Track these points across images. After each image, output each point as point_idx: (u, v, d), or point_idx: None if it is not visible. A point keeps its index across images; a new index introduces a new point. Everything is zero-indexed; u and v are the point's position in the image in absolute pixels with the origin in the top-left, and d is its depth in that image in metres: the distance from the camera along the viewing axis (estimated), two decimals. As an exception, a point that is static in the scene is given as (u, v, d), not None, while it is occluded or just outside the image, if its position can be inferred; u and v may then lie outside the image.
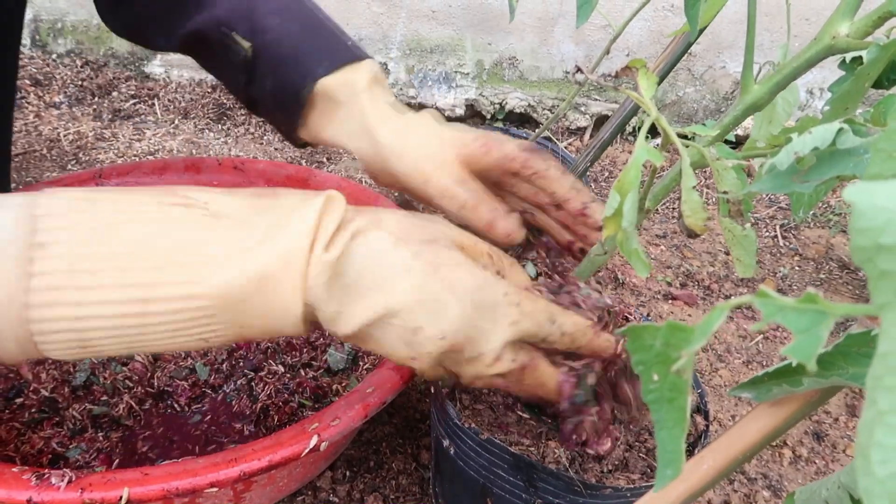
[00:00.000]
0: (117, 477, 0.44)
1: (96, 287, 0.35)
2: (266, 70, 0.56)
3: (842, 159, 0.25)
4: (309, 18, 0.58)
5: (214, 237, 0.37)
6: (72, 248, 0.35)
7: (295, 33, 0.56)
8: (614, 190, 0.30)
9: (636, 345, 0.24)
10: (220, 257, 0.37)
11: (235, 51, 0.56)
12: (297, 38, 0.56)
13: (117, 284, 0.36)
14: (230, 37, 0.56)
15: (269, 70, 0.56)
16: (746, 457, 0.35)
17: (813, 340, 0.21)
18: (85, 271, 0.35)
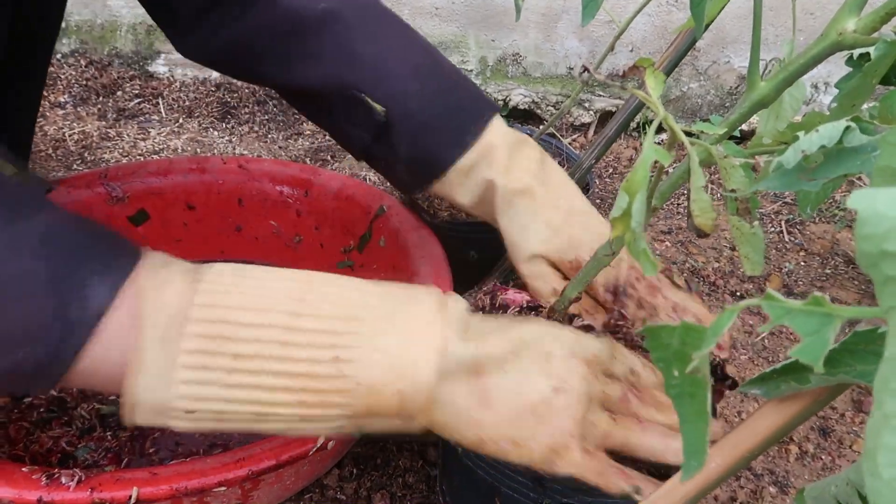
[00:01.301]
0: (126, 476, 0.44)
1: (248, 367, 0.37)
2: (401, 138, 0.56)
3: (849, 157, 0.25)
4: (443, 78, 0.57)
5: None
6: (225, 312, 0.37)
7: (433, 100, 0.55)
8: (622, 190, 0.30)
9: (655, 343, 0.25)
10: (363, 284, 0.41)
11: (363, 111, 0.55)
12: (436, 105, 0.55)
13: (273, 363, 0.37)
14: (361, 99, 0.54)
15: (406, 138, 0.56)
16: (754, 454, 0.35)
17: (820, 342, 0.21)
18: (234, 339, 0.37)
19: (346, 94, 0.55)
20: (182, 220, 0.83)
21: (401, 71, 0.55)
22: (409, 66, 0.56)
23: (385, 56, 0.55)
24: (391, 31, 0.57)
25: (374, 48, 0.55)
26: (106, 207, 0.78)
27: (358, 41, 0.54)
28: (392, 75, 0.55)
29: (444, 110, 0.55)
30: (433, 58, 0.58)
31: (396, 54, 0.56)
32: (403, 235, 0.74)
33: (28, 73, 0.70)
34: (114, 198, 0.78)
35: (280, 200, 0.84)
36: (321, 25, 0.54)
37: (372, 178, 1.24)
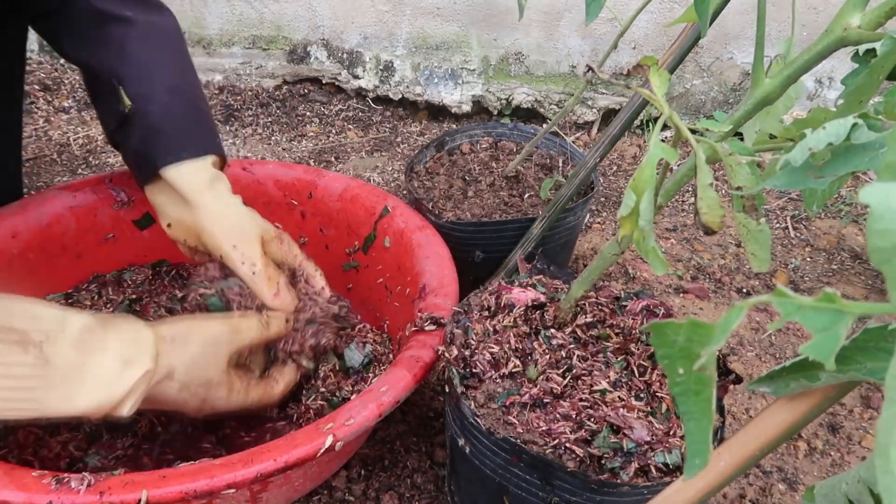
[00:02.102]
0: (135, 480, 0.44)
1: None
2: (137, 133, 0.66)
3: (857, 154, 0.25)
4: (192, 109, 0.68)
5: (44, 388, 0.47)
6: None
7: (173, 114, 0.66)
8: (630, 189, 0.29)
9: (659, 340, 0.25)
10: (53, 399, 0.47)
11: (117, 101, 0.66)
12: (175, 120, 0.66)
13: None
14: (117, 90, 0.65)
15: (138, 134, 0.66)
16: (764, 452, 0.34)
17: (831, 339, 0.21)
18: None
19: (109, 83, 0.65)
20: (187, 223, 0.83)
21: (159, 84, 0.66)
22: (171, 84, 0.67)
23: (154, 68, 0.67)
24: (171, 55, 0.69)
25: (148, 57, 0.67)
26: (111, 212, 0.78)
27: (139, 48, 0.66)
28: (152, 82, 0.66)
29: (177, 127, 0.66)
30: (194, 91, 0.70)
31: (164, 70, 0.67)
32: (408, 236, 0.74)
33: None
34: (119, 202, 0.78)
35: (284, 202, 0.84)
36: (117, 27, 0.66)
37: (376, 178, 1.24)
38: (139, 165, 0.67)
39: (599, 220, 1.19)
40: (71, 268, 0.76)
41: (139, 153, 0.66)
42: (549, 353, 0.55)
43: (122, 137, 0.68)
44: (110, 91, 0.66)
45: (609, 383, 0.53)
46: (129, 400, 0.50)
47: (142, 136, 0.66)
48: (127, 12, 0.67)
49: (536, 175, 0.98)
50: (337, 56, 1.45)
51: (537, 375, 0.54)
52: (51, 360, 0.47)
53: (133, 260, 0.82)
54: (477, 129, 1.07)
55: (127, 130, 0.67)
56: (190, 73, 0.71)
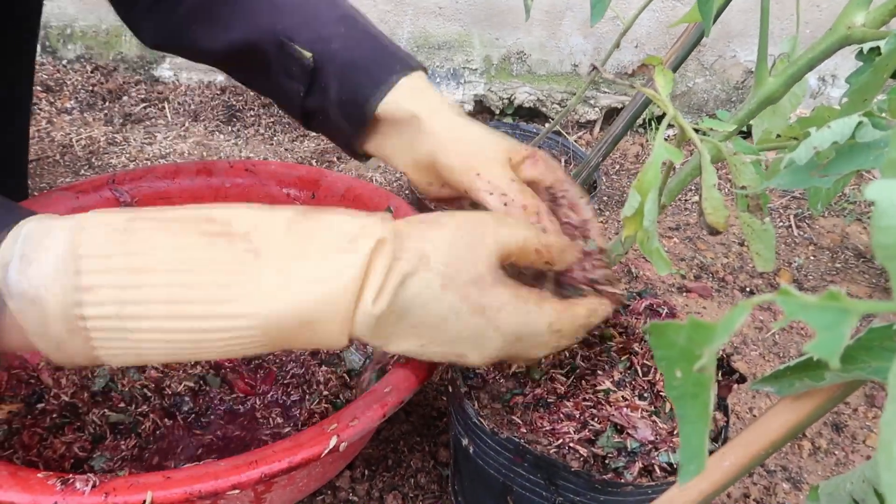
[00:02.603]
0: (140, 481, 0.44)
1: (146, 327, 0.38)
2: (329, 80, 0.56)
3: (861, 153, 0.25)
4: (368, 27, 0.58)
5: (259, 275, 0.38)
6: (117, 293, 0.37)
7: (358, 42, 0.56)
8: (634, 189, 0.29)
9: (660, 341, 0.24)
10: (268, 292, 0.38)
11: (295, 61, 0.56)
12: (361, 48, 0.56)
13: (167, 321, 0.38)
14: (290, 46, 0.55)
15: (333, 80, 0.56)
16: (769, 452, 0.34)
17: (836, 338, 0.21)
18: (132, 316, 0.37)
19: (276, 43, 0.56)
20: (190, 223, 0.83)
21: (325, 18, 0.56)
22: (334, 15, 0.57)
23: (312, 6, 0.57)
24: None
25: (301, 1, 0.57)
26: (115, 212, 0.78)
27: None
28: (317, 19, 0.56)
29: (369, 52, 0.56)
30: (358, 13, 0.59)
31: (322, 6, 0.58)
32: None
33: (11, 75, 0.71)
34: (122, 203, 0.79)
35: (287, 202, 0.84)
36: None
37: (378, 178, 1.24)
38: (349, 116, 0.56)
39: (602, 220, 1.19)
40: (74, 269, 0.76)
41: (344, 102, 0.56)
42: (552, 353, 0.55)
43: (316, 99, 0.58)
44: (282, 57, 0.56)
45: (613, 383, 0.53)
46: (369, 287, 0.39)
47: (339, 81, 0.55)
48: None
49: (539, 174, 0.98)
50: (339, 56, 1.45)
51: (541, 375, 0.54)
52: (261, 250, 0.38)
53: (136, 261, 0.82)
54: (479, 128, 1.06)
55: (320, 86, 0.57)
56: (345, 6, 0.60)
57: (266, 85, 0.62)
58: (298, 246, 0.39)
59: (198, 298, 0.37)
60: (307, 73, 0.56)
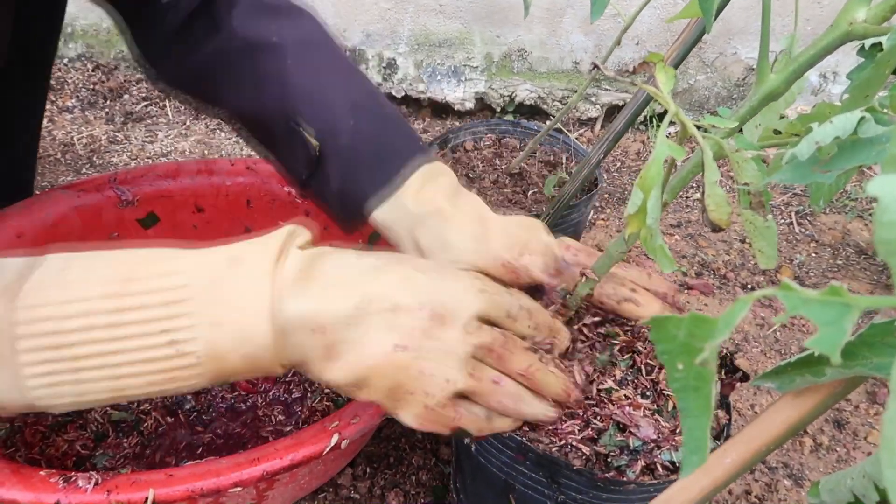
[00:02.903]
0: (142, 478, 0.44)
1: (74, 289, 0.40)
2: (332, 172, 0.56)
3: (864, 148, 0.25)
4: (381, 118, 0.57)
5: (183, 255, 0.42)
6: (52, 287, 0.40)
7: (366, 138, 0.55)
8: (637, 187, 0.29)
9: (660, 335, 0.24)
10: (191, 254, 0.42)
11: (301, 147, 0.56)
12: (369, 143, 0.55)
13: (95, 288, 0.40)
14: (298, 132, 0.55)
15: (336, 173, 0.56)
16: (770, 449, 0.34)
17: (837, 333, 0.21)
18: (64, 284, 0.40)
19: (286, 124, 0.56)
20: (191, 222, 0.83)
21: (338, 107, 0.56)
22: (348, 102, 0.56)
23: (324, 92, 0.56)
24: (334, 68, 0.58)
25: (314, 83, 0.56)
26: (116, 211, 0.78)
27: (301, 78, 0.56)
28: (328, 110, 0.56)
29: (376, 148, 0.55)
30: (374, 98, 0.58)
31: (336, 90, 0.57)
32: (412, 234, 0.74)
33: (31, 77, 0.71)
34: (123, 201, 0.79)
35: (288, 201, 0.84)
36: (270, 58, 0.56)
37: (379, 176, 1.24)
38: (345, 208, 0.57)
39: (603, 217, 1.19)
40: (76, 267, 0.76)
41: (344, 195, 0.56)
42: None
43: (317, 185, 0.58)
44: (289, 137, 0.56)
45: (615, 382, 0.53)
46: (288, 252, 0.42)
47: (341, 176, 0.56)
48: (273, 38, 0.57)
49: (540, 172, 0.98)
50: (340, 54, 1.45)
51: None
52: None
53: (138, 259, 0.82)
54: (480, 126, 1.06)
55: (323, 175, 0.57)
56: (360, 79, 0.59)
57: (269, 152, 0.62)
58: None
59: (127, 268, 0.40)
60: (311, 158, 0.56)
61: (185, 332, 0.39)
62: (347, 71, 0.59)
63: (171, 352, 0.39)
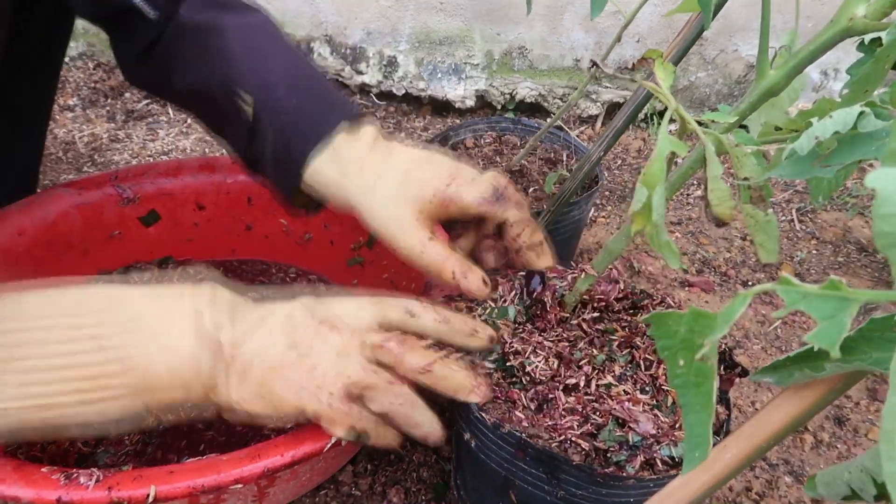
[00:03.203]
0: (144, 475, 0.44)
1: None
2: (267, 132, 0.57)
3: (864, 143, 0.25)
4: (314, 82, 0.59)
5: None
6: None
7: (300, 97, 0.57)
8: (641, 184, 0.29)
9: (661, 331, 0.25)
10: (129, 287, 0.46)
11: (239, 113, 0.58)
12: (302, 102, 0.57)
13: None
14: (237, 99, 0.57)
15: (270, 132, 0.57)
16: (770, 445, 0.34)
17: (837, 327, 0.21)
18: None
19: (225, 94, 0.58)
20: (193, 220, 0.83)
21: (272, 69, 0.58)
22: (281, 66, 0.58)
23: (262, 58, 0.59)
24: (273, 44, 0.60)
25: (251, 54, 0.59)
26: (117, 209, 0.78)
27: (242, 49, 0.58)
28: (264, 72, 0.58)
29: (308, 103, 0.57)
30: (306, 67, 0.60)
31: (272, 57, 0.59)
32: (413, 231, 0.74)
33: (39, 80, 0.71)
34: (125, 199, 0.79)
35: (289, 198, 0.84)
36: (215, 36, 0.59)
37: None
38: (282, 168, 0.58)
39: (604, 214, 1.19)
40: (77, 265, 0.77)
41: (279, 153, 0.57)
42: None
43: (256, 149, 0.59)
44: (230, 107, 0.58)
45: (614, 377, 0.53)
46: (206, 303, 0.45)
47: (274, 133, 0.57)
48: (220, 22, 0.59)
49: (540, 169, 0.98)
50: (340, 52, 1.45)
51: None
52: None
53: (139, 257, 0.82)
54: (480, 123, 1.06)
55: (258, 141, 0.58)
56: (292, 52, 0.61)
57: (221, 133, 0.64)
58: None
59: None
60: (249, 125, 0.57)
61: (113, 338, 0.42)
62: (285, 47, 0.61)
63: (98, 357, 0.41)
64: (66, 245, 0.75)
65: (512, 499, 0.53)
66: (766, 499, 0.72)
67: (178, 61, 0.61)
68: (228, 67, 0.58)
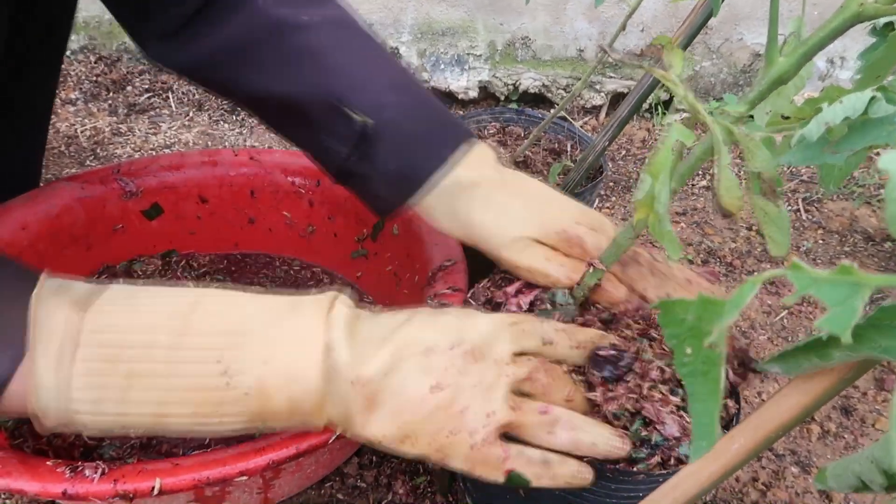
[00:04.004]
0: (149, 468, 0.44)
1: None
2: (379, 149, 0.54)
3: (874, 128, 0.25)
4: (420, 94, 0.56)
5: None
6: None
7: (411, 113, 0.55)
8: (645, 173, 0.29)
9: (668, 319, 0.24)
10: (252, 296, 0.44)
11: (345, 125, 0.54)
12: (414, 118, 0.55)
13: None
14: (340, 110, 0.54)
15: (384, 149, 0.54)
16: (778, 435, 0.34)
17: (848, 312, 0.20)
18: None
19: (324, 104, 0.54)
20: (195, 213, 0.83)
21: (378, 83, 0.55)
22: (386, 79, 0.55)
23: (364, 68, 0.55)
24: (367, 47, 0.57)
25: (352, 61, 0.55)
26: (120, 202, 0.78)
27: (338, 54, 0.55)
28: (369, 86, 0.54)
29: (423, 123, 0.55)
30: (409, 76, 0.58)
31: (373, 68, 0.56)
32: (416, 223, 0.74)
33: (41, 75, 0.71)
34: (127, 192, 0.79)
35: (292, 191, 0.84)
36: (300, 36, 0.55)
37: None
38: (397, 187, 0.56)
39: (609, 205, 1.19)
40: (81, 259, 0.76)
41: (393, 174, 0.55)
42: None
43: (360, 164, 0.56)
44: (327, 116, 0.54)
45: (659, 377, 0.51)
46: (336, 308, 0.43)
47: (389, 152, 0.54)
48: (303, 17, 0.54)
49: (545, 160, 0.97)
50: (342, 44, 1.44)
51: None
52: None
53: (142, 251, 0.82)
54: (484, 114, 1.06)
55: (366, 153, 0.55)
56: (391, 58, 0.58)
57: (300, 137, 0.60)
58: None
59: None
60: (355, 136, 0.54)
61: (238, 363, 0.40)
62: (379, 49, 0.58)
63: (222, 382, 0.40)
64: (69, 239, 0.75)
65: (519, 493, 0.53)
66: (773, 489, 0.72)
67: (250, 60, 0.56)
68: (325, 75, 0.54)
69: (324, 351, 0.41)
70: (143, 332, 0.40)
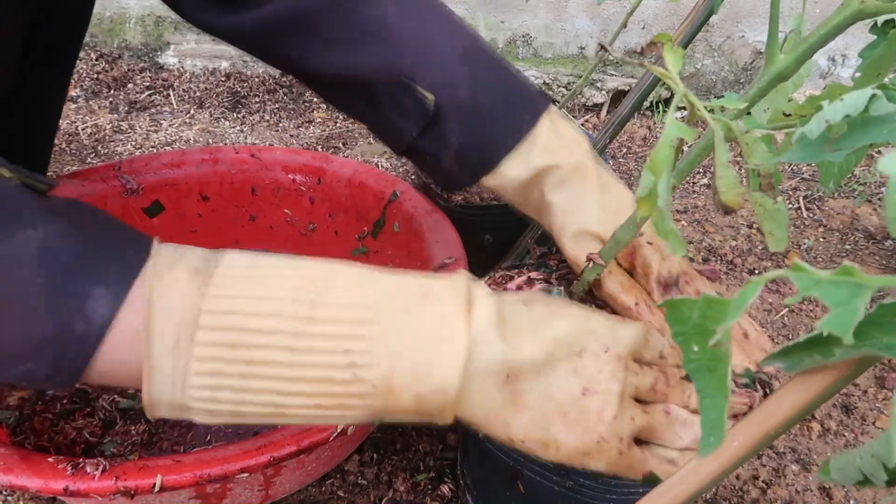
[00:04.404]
0: (150, 465, 0.44)
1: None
2: (452, 127, 0.52)
3: (875, 126, 0.25)
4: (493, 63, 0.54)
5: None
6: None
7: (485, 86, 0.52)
8: (647, 170, 0.29)
9: (674, 317, 0.24)
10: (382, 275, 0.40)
11: (415, 103, 0.52)
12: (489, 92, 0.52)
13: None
14: (410, 87, 0.51)
15: (457, 128, 0.52)
16: (778, 432, 0.34)
17: (849, 313, 0.21)
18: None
19: (393, 81, 0.52)
20: (196, 210, 0.83)
21: (450, 55, 0.52)
22: (457, 48, 0.52)
23: (433, 40, 0.52)
24: (437, 14, 0.54)
25: (421, 32, 0.52)
26: (121, 200, 0.78)
27: (405, 25, 0.52)
28: (441, 60, 0.52)
29: (497, 97, 0.52)
30: (479, 42, 0.55)
31: (444, 38, 0.53)
32: (417, 220, 0.74)
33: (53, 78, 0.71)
34: (128, 190, 0.79)
35: (293, 189, 0.84)
36: (365, 4, 0.52)
37: (384, 164, 1.24)
38: (468, 164, 0.53)
39: (609, 203, 1.19)
40: (82, 256, 0.77)
41: (467, 149, 0.53)
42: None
43: (431, 142, 0.54)
44: (396, 93, 0.52)
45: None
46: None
47: (462, 131, 0.52)
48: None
49: (545, 158, 0.97)
50: (343, 41, 1.44)
51: None
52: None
53: (143, 248, 0.82)
54: (485, 112, 1.05)
55: (438, 131, 0.53)
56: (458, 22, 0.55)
57: (366, 113, 0.57)
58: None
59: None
60: (426, 115, 0.52)
61: (366, 356, 0.37)
62: (448, 16, 0.55)
63: (348, 375, 0.36)
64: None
65: (520, 489, 0.53)
66: (773, 487, 0.72)
67: (312, 34, 0.53)
68: (394, 50, 0.51)
69: (468, 347, 0.37)
70: (268, 313, 0.36)
